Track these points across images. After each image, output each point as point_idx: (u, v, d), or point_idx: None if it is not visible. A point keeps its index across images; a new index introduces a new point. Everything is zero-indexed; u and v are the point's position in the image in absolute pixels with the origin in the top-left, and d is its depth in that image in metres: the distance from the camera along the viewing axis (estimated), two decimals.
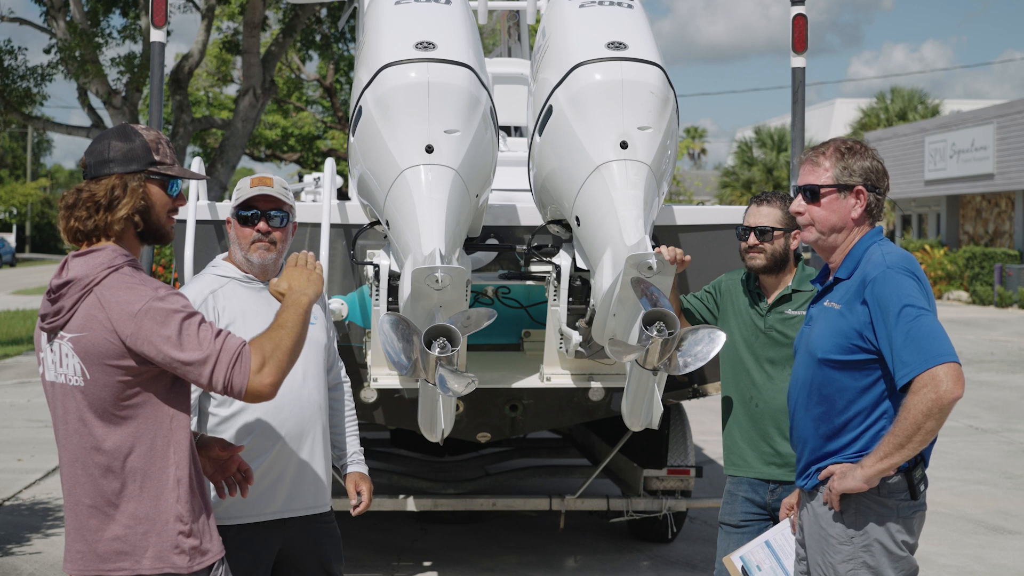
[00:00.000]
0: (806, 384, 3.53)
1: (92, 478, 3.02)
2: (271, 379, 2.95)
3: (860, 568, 3.40)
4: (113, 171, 3.06)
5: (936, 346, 3.24)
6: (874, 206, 3.51)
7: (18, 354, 17.81)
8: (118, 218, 3.05)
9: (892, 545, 3.40)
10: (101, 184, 3.05)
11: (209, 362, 2.91)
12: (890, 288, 3.32)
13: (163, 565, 3.01)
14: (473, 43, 4.90)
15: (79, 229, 3.06)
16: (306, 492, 3.91)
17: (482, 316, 4.20)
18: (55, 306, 3.03)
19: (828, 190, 3.50)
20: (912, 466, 3.40)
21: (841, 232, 3.52)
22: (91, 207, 3.04)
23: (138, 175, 3.08)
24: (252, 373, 2.93)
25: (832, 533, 3.44)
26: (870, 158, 3.51)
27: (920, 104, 44.02)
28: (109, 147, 3.08)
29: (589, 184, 4.57)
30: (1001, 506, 8.61)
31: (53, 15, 18.95)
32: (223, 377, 2.92)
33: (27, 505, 8.28)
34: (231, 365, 2.92)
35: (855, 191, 3.48)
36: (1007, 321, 25.32)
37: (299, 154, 33.87)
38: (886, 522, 3.40)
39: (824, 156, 3.53)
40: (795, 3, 6.31)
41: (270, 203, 3.89)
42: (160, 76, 6.28)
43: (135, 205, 3.06)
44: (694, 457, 7.12)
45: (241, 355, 2.93)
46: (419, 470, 7.46)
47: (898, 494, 3.41)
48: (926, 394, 3.22)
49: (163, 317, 2.92)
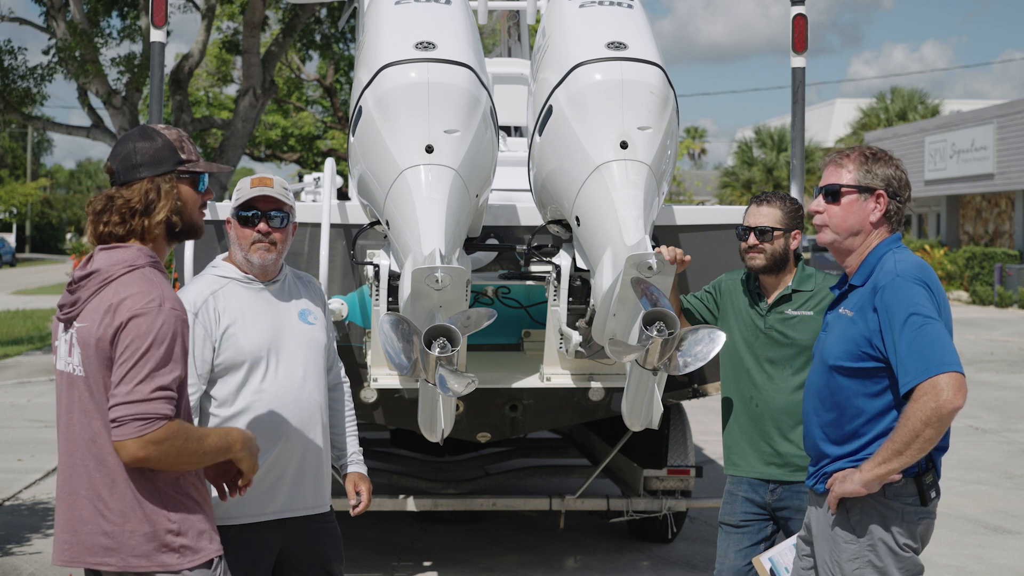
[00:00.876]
0: (819, 390, 3.56)
1: (87, 470, 3.03)
2: (144, 454, 2.92)
3: (866, 567, 3.43)
4: (143, 175, 3.08)
5: (939, 355, 3.24)
6: (894, 213, 3.52)
7: (18, 354, 17.80)
8: (156, 222, 3.08)
9: (896, 546, 3.42)
10: (133, 189, 3.07)
11: (124, 401, 2.91)
12: (898, 296, 3.33)
13: (150, 563, 3.02)
14: (473, 43, 4.90)
15: (111, 233, 3.07)
16: (307, 492, 3.91)
17: (482, 316, 4.20)
18: (72, 296, 3.07)
19: (849, 190, 3.51)
20: (923, 471, 3.42)
21: (858, 236, 3.52)
22: (126, 213, 3.06)
23: (168, 176, 3.09)
24: (143, 439, 2.90)
25: (839, 532, 3.47)
26: (894, 167, 3.53)
27: (920, 104, 44.04)
28: (135, 151, 3.09)
29: (589, 184, 4.57)
30: (1001, 506, 8.61)
31: (53, 15, 18.94)
32: (121, 416, 2.91)
33: (27, 505, 8.28)
34: (137, 419, 2.91)
35: (876, 195, 3.49)
36: (1007, 321, 25.32)
37: (299, 154, 33.85)
38: (890, 524, 3.42)
39: (849, 159, 3.55)
40: (795, 3, 6.32)
41: (270, 203, 3.88)
42: (160, 76, 6.28)
43: (172, 207, 3.09)
44: (694, 457, 7.12)
45: (152, 423, 2.91)
46: (419, 470, 7.46)
47: (904, 498, 3.42)
48: (926, 402, 3.22)
49: (146, 330, 2.93)
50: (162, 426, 2.91)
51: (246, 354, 3.79)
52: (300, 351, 3.88)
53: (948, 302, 3.48)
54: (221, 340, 3.77)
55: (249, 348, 3.79)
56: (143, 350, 2.91)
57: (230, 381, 3.79)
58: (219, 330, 3.77)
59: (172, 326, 2.96)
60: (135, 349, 2.92)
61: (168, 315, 2.96)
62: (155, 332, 2.93)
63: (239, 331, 3.79)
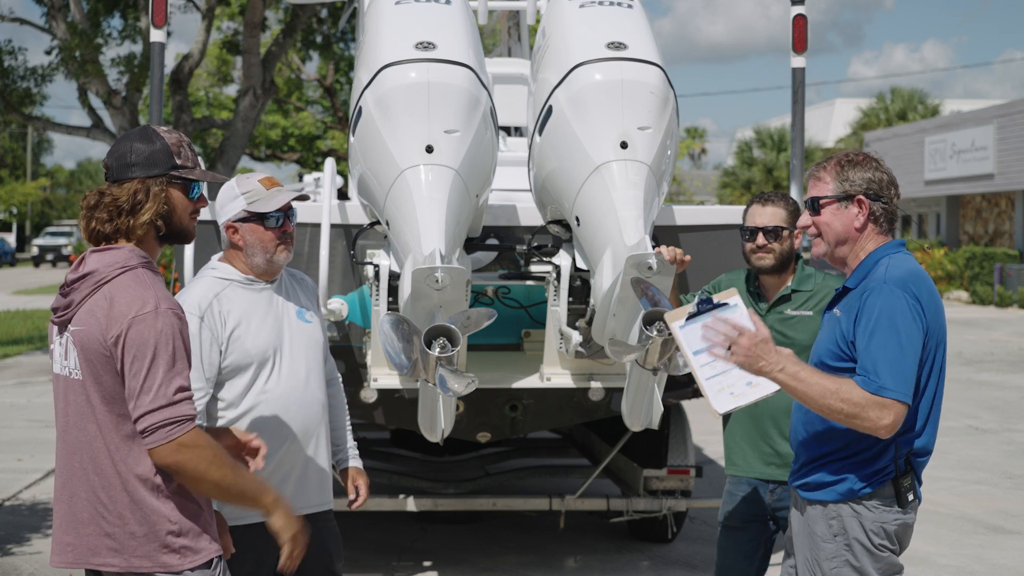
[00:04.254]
0: None
1: (85, 472, 3.04)
2: (174, 460, 2.96)
3: (843, 566, 3.46)
4: (135, 175, 3.09)
5: (894, 376, 3.27)
6: (880, 215, 3.52)
7: (18, 354, 17.80)
8: (140, 223, 3.09)
9: (871, 546, 3.45)
10: (124, 188, 3.08)
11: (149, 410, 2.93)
12: (878, 300, 3.36)
13: (152, 564, 3.03)
14: (473, 43, 4.90)
15: (99, 231, 3.09)
16: (310, 490, 3.92)
17: (482, 316, 4.21)
18: (66, 299, 3.07)
19: (828, 201, 3.53)
20: (901, 474, 3.44)
21: (846, 244, 3.54)
22: (113, 211, 3.07)
23: (160, 179, 3.10)
24: (175, 443, 2.95)
25: (817, 531, 3.50)
26: (872, 169, 3.53)
27: (920, 104, 44.03)
28: (131, 150, 3.10)
29: (589, 184, 4.57)
30: (1001, 506, 8.61)
31: (53, 15, 18.94)
32: (151, 425, 2.94)
33: (27, 505, 8.28)
34: (165, 424, 2.94)
35: (856, 200, 3.50)
36: (1007, 321, 25.32)
37: (299, 154, 33.84)
38: (865, 525, 3.45)
39: (825, 170, 3.57)
40: (795, 3, 6.32)
41: (286, 203, 3.88)
42: (160, 76, 6.28)
43: (157, 210, 3.10)
44: (694, 457, 7.12)
45: (179, 424, 2.95)
46: (419, 470, 7.46)
47: (882, 499, 3.45)
48: (868, 409, 3.25)
49: (148, 335, 2.94)
50: (191, 429, 2.96)
51: (252, 356, 3.79)
52: (302, 350, 3.89)
53: (943, 310, 3.47)
54: (228, 342, 3.77)
55: (255, 350, 3.80)
56: (151, 356, 2.94)
57: (237, 383, 3.80)
58: (225, 332, 3.77)
59: (172, 327, 2.98)
60: (143, 357, 2.94)
61: (166, 316, 2.97)
62: (157, 336, 2.95)
63: (245, 333, 3.79)
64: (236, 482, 3.08)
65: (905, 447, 3.42)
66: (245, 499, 3.15)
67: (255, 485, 3.16)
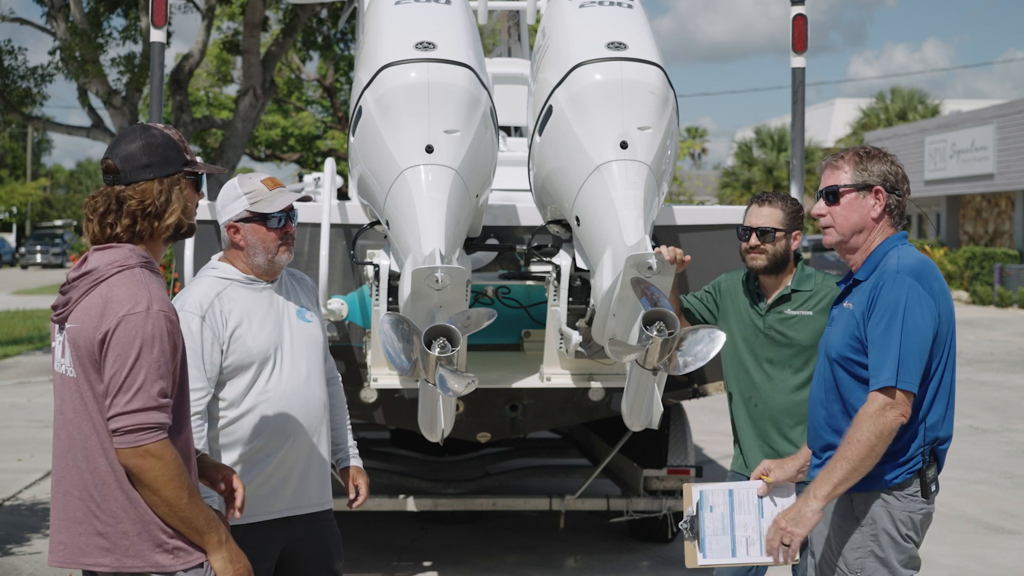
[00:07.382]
0: (823, 382, 3.64)
1: (80, 471, 3.02)
2: (136, 464, 2.91)
3: (867, 556, 3.49)
4: (151, 175, 3.04)
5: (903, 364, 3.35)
6: (895, 208, 3.60)
7: (18, 354, 17.80)
8: (167, 225, 3.05)
9: (899, 537, 3.49)
10: (141, 190, 3.02)
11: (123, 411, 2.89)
12: (893, 290, 3.42)
13: (144, 564, 3.01)
14: (473, 43, 4.90)
15: (119, 236, 3.03)
16: (311, 489, 3.93)
17: (482, 316, 4.21)
18: (64, 297, 3.05)
19: (847, 190, 3.59)
20: (927, 465, 3.49)
21: (862, 233, 3.59)
22: (138, 213, 3.02)
23: (176, 177, 3.07)
24: (140, 448, 2.90)
25: (841, 522, 3.53)
26: (889, 162, 3.61)
27: (920, 104, 44.03)
28: (142, 150, 3.04)
29: (589, 184, 4.57)
30: (1001, 506, 8.61)
31: (53, 15, 18.94)
32: (122, 427, 2.90)
33: (27, 505, 8.28)
34: (137, 429, 2.90)
35: (874, 191, 3.57)
36: (1007, 321, 25.32)
37: (299, 154, 33.83)
38: (894, 515, 3.48)
39: (844, 160, 3.63)
40: (795, 3, 6.32)
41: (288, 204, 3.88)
42: (160, 76, 6.28)
43: (183, 209, 3.07)
44: (694, 457, 7.12)
45: (150, 431, 2.91)
46: (419, 470, 7.46)
47: (907, 488, 3.49)
48: (882, 421, 3.35)
49: (135, 335, 2.91)
50: (161, 439, 2.91)
51: (254, 355, 3.79)
52: (303, 350, 3.90)
53: (951, 297, 3.55)
54: (229, 342, 3.77)
55: (257, 349, 3.80)
56: (134, 357, 2.90)
57: (238, 383, 3.80)
58: (226, 332, 3.77)
59: (161, 329, 2.93)
60: (126, 356, 2.90)
61: (156, 318, 2.93)
62: (144, 337, 2.90)
63: (246, 332, 3.79)
64: (187, 509, 2.98)
65: (931, 434, 3.49)
66: (191, 529, 3.01)
67: (206, 520, 3.03)
